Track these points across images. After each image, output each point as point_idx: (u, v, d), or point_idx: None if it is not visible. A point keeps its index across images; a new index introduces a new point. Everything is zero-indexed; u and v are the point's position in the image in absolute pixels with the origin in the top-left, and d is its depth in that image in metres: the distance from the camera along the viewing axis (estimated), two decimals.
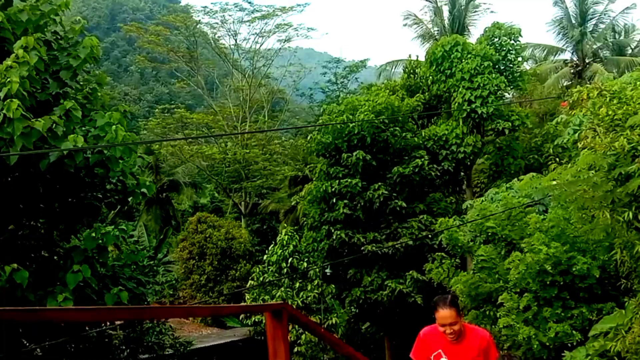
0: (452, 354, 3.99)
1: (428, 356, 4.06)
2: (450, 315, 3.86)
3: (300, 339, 18.18)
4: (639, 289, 7.11)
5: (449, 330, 3.89)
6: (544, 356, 8.97)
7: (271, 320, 2.08)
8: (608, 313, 8.20)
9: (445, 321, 3.87)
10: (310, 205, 21.02)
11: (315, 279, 19.23)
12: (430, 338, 4.11)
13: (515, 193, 12.27)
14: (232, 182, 36.07)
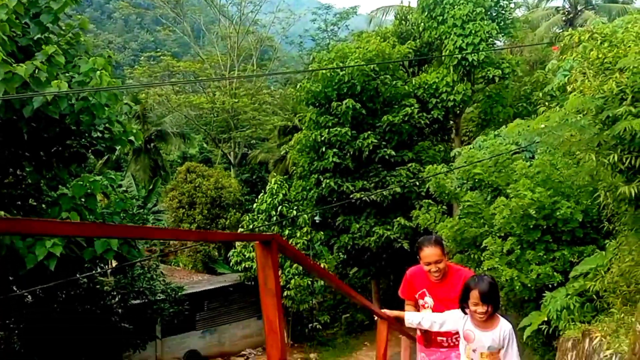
0: (436, 292, 4.05)
1: (413, 295, 4.13)
2: (435, 253, 3.88)
3: (290, 284, 18.57)
4: (620, 231, 7.28)
5: (433, 269, 3.90)
6: (525, 297, 9.26)
7: (261, 249, 2.13)
8: (589, 255, 8.43)
9: (430, 259, 3.88)
10: (299, 155, 21.07)
11: (304, 227, 19.45)
12: (415, 278, 4.15)
13: (503, 140, 12.35)
14: (220, 132, 35.84)
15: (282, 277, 18.84)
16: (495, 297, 3.51)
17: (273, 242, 2.10)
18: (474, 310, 3.47)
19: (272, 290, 2.10)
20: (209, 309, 20.50)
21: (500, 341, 3.55)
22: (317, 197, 20.40)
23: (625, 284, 6.76)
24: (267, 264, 2.09)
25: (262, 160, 33.25)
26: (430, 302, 4.09)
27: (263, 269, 2.09)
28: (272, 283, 2.09)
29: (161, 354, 19.00)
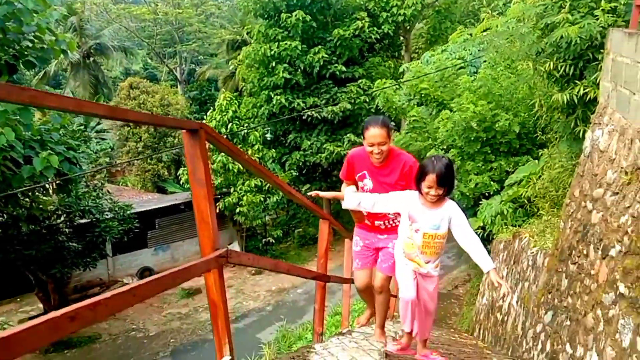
0: (376, 175, 3.95)
1: (353, 176, 4.01)
2: (381, 134, 3.73)
3: (242, 201, 18.74)
4: (552, 140, 7.63)
5: (376, 151, 3.77)
6: (464, 204, 9.70)
7: (188, 139, 2.13)
8: (523, 164, 8.84)
9: (374, 140, 3.74)
10: (248, 70, 20.67)
11: (255, 144, 19.40)
12: (356, 159, 4.02)
13: (449, 55, 12.43)
14: (165, 46, 34.49)
15: (234, 195, 19.00)
16: (451, 179, 3.38)
17: (201, 130, 2.11)
18: (427, 192, 3.35)
19: (201, 180, 2.15)
20: (161, 226, 20.56)
21: (446, 219, 3.45)
22: (268, 114, 20.26)
23: (554, 189, 7.18)
24: (195, 154, 2.11)
25: (211, 77, 32.44)
26: (370, 184, 3.96)
27: (192, 159, 2.12)
28: (201, 173, 2.13)
29: (113, 271, 19.15)
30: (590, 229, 4.35)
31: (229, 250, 2.23)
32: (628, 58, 4.20)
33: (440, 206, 3.44)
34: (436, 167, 3.29)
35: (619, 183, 3.94)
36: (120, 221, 16.39)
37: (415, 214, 3.47)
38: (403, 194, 3.57)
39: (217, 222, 2.31)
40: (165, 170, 27.09)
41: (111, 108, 1.70)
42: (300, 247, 22.16)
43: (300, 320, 14.26)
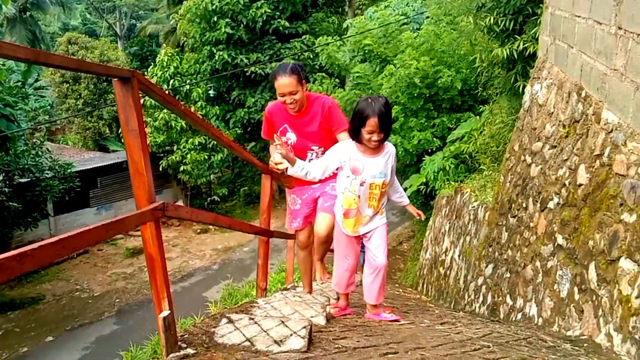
0: (297, 126, 3.71)
1: (275, 132, 3.68)
2: (290, 83, 3.49)
3: (186, 159, 18.43)
4: (492, 96, 7.78)
5: (289, 100, 3.53)
6: (407, 161, 9.85)
7: (120, 88, 2.05)
8: (465, 121, 9.01)
9: (284, 90, 3.51)
10: (190, 25, 20.00)
11: (198, 101, 18.97)
12: (274, 114, 3.77)
13: (393, 11, 12.39)
14: (104, 0, 32.89)
15: (177, 153, 18.63)
16: (390, 121, 3.19)
17: (133, 79, 2.02)
18: (369, 138, 3.12)
19: (135, 130, 2.07)
20: (103, 185, 20.03)
21: (389, 165, 3.30)
22: (211, 70, 19.78)
23: (495, 144, 7.37)
24: (127, 103, 2.02)
25: (152, 33, 31.25)
26: (293, 137, 3.73)
27: (124, 108, 2.03)
28: (134, 123, 2.05)
29: (55, 231, 18.61)
30: (529, 182, 4.48)
31: (165, 203, 2.18)
32: (566, 12, 4.27)
33: (382, 151, 3.28)
34: (375, 108, 3.06)
35: (557, 136, 4.05)
36: (61, 180, 15.90)
37: (358, 165, 3.24)
38: (341, 148, 3.33)
39: (161, 181, 2.23)
40: (107, 128, 26.20)
41: (34, 51, 1.59)
42: (246, 205, 22.11)
43: (246, 279, 14.33)
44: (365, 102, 3.14)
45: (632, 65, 2.81)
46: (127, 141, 2.10)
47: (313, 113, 3.68)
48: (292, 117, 3.70)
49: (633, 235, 2.56)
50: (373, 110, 3.06)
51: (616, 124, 3.00)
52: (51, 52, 1.64)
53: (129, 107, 2.03)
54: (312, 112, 3.68)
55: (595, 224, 3.02)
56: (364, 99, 3.20)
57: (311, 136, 3.71)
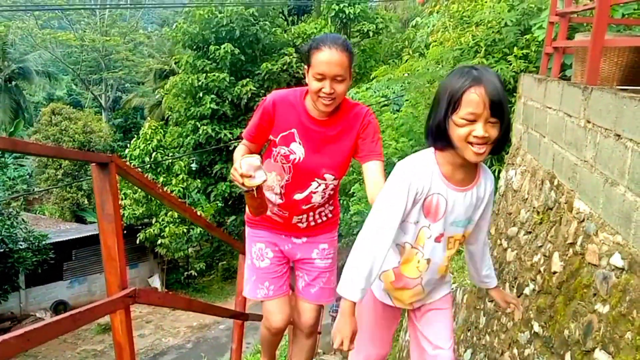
0: (313, 136, 2.37)
1: (267, 136, 2.44)
2: (340, 61, 2.20)
3: (165, 232, 18.23)
4: None
5: (328, 89, 2.20)
6: None
7: (98, 172, 2.06)
8: None
9: (329, 69, 2.18)
10: (175, 100, 20.40)
11: (180, 174, 19.04)
12: (282, 108, 2.37)
13: (374, 93, 12.79)
14: (90, 73, 33.50)
15: (155, 225, 18.45)
16: (508, 112, 1.78)
17: (111, 164, 2.04)
18: (468, 135, 1.73)
19: (110, 215, 2.07)
20: (78, 258, 19.61)
21: (483, 204, 2.02)
22: (194, 144, 19.99)
23: None
24: (104, 187, 2.03)
25: (138, 106, 31.72)
26: (300, 152, 2.38)
27: (100, 193, 2.04)
28: (110, 208, 2.05)
29: (26, 305, 18.04)
30: (506, 266, 4.50)
31: (137, 289, 2.14)
32: (538, 102, 4.46)
33: (477, 178, 1.97)
34: (484, 76, 1.71)
35: (531, 222, 4.12)
36: (35, 252, 15.60)
37: (439, 202, 1.88)
38: (411, 167, 1.87)
39: (138, 254, 2.22)
40: (86, 199, 25.97)
41: (11, 141, 1.61)
42: (224, 280, 21.72)
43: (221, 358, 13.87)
44: (460, 70, 1.78)
45: (601, 158, 2.92)
46: (102, 225, 2.09)
47: (345, 125, 2.38)
48: (312, 120, 2.36)
49: (607, 327, 2.56)
50: (480, 78, 1.71)
51: (587, 213, 3.07)
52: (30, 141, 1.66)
53: (105, 192, 2.04)
54: (343, 123, 2.38)
55: (570, 313, 3.02)
56: (459, 70, 1.80)
57: (331, 158, 2.40)
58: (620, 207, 2.69)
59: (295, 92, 2.42)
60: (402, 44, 22.00)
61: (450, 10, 6.69)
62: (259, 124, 2.43)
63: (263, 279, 2.65)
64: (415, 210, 1.93)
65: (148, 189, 2.55)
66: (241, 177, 2.09)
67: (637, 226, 2.52)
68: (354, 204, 10.02)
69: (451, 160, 1.89)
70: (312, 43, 2.28)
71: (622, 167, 2.67)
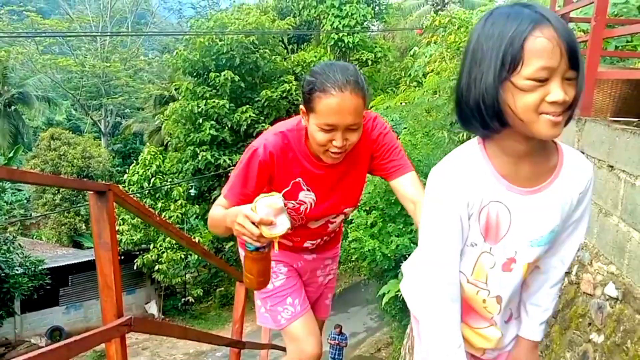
0: (322, 181, 2.02)
1: (259, 190, 1.94)
2: (356, 107, 1.77)
3: (162, 258, 18.16)
4: None
5: (339, 143, 1.80)
6: (385, 266, 9.86)
7: (95, 201, 2.07)
8: None
9: (343, 119, 1.76)
10: (175, 125, 20.51)
11: (179, 199, 19.05)
12: (280, 159, 1.96)
13: None
14: (90, 98, 33.70)
15: (153, 252, 18.38)
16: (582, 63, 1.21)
17: (109, 192, 2.06)
18: (539, 103, 1.17)
19: (107, 243, 2.08)
20: (74, 283, 19.48)
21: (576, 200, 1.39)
22: (193, 170, 20.04)
23: None
24: (102, 216, 2.05)
25: (137, 131, 31.86)
26: (310, 199, 2.05)
27: (98, 221, 2.05)
28: (107, 236, 2.07)
29: (21, 330, 17.87)
30: None
31: (133, 317, 2.15)
32: None
33: (559, 163, 1.36)
34: (547, 13, 1.17)
35: None
36: (31, 277, 15.48)
37: (500, 212, 1.33)
38: (446, 181, 1.33)
39: (135, 280, 2.23)
40: (83, 224, 25.89)
41: (9, 170, 1.64)
42: (221, 307, 21.54)
43: None
44: (505, 11, 1.21)
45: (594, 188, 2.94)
46: (98, 254, 2.10)
47: (354, 154, 1.98)
48: (318, 164, 1.98)
49: (602, 356, 2.56)
50: (542, 17, 1.16)
51: (582, 243, 3.09)
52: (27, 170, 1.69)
53: (102, 220, 2.06)
54: (351, 154, 1.96)
55: (566, 342, 3.02)
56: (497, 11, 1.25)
57: (347, 193, 2.10)
58: (614, 237, 2.72)
59: (292, 134, 1.96)
60: (400, 73, 22.38)
61: (448, 41, 6.80)
62: (257, 182, 1.95)
63: (284, 296, 2.30)
64: (475, 231, 1.35)
65: (146, 217, 2.57)
66: (257, 227, 1.63)
67: (631, 256, 2.54)
68: (352, 231, 10.04)
69: (510, 148, 1.29)
70: (313, 81, 1.78)
71: (616, 197, 2.70)
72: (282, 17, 21.48)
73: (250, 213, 1.67)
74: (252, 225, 1.66)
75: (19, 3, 44.28)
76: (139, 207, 2.44)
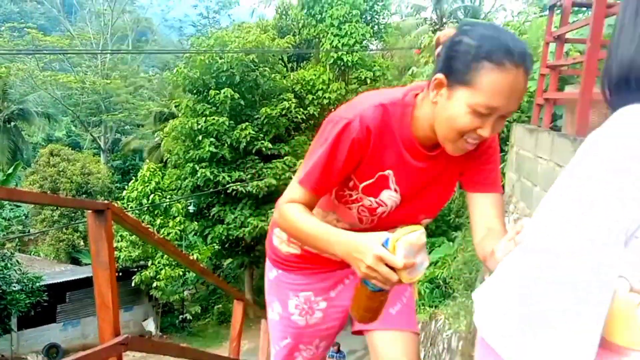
0: (414, 180, 1.58)
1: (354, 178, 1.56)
2: (524, 89, 1.34)
3: (160, 274, 18.10)
4: (465, 224, 7.98)
5: (487, 132, 1.35)
6: None
7: (94, 220, 2.09)
8: (439, 246, 9.15)
9: (509, 104, 1.31)
10: (174, 142, 20.55)
11: (177, 216, 19.04)
12: (380, 139, 1.48)
13: None
14: (90, 115, 33.83)
15: (151, 268, 18.32)
16: None
17: (107, 211, 2.08)
18: None
19: (105, 262, 2.09)
20: (72, 300, 19.40)
21: None
22: (192, 187, 20.02)
23: (467, 271, 7.43)
24: (100, 235, 2.06)
25: (137, 148, 31.94)
26: (393, 202, 1.59)
27: (96, 240, 2.07)
28: (105, 255, 2.08)
29: (17, 347, 17.73)
30: None
31: (129, 336, 2.15)
32: (529, 152, 4.54)
33: None
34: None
35: None
36: (28, 294, 15.41)
37: None
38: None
39: (132, 297, 2.23)
40: (82, 241, 25.83)
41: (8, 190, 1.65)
42: (219, 324, 21.43)
43: None
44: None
45: None
46: (96, 273, 2.11)
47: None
48: (418, 154, 1.54)
49: None
50: None
51: None
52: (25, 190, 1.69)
53: (101, 239, 2.07)
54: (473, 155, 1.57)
55: None
56: None
57: (434, 199, 1.71)
58: None
59: (395, 110, 1.48)
60: None
61: None
62: (343, 167, 1.51)
63: (312, 337, 1.91)
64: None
65: (144, 236, 2.58)
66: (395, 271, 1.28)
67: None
68: None
69: None
70: (479, 45, 1.29)
71: None
72: (282, 35, 21.67)
73: (387, 256, 1.27)
74: (388, 270, 1.28)
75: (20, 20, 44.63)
76: (137, 225, 2.45)
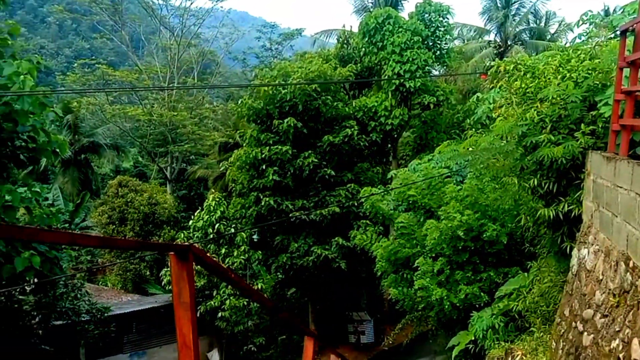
0: None
1: None
2: None
3: (225, 305, 18.25)
4: (540, 254, 7.64)
5: None
6: (454, 316, 9.50)
7: (176, 261, 2.10)
8: (513, 276, 8.79)
9: None
10: (239, 172, 20.92)
11: (242, 245, 19.24)
12: None
13: (436, 164, 12.75)
14: (157, 146, 35.01)
15: (216, 298, 18.51)
16: None
17: (189, 252, 2.08)
18: None
19: (186, 303, 2.08)
20: (138, 330, 19.79)
21: None
22: (256, 216, 20.25)
23: (544, 304, 7.07)
24: (182, 276, 2.06)
25: (202, 177, 32.76)
26: None
27: (178, 281, 2.07)
28: (186, 296, 2.07)
29: None
30: (582, 351, 4.23)
31: None
32: (608, 181, 4.30)
33: None
34: None
35: (607, 305, 3.89)
36: (97, 324, 15.77)
37: None
38: None
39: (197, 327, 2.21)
40: (148, 270, 26.49)
41: (102, 239, 1.68)
42: (283, 355, 21.31)
43: None
44: None
45: None
46: (178, 313, 2.10)
47: None
48: None
49: None
50: None
51: None
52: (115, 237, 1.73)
53: (182, 280, 2.07)
54: None
55: None
56: None
57: None
58: None
59: None
60: (462, 115, 22.16)
61: (513, 87, 6.66)
62: None
63: None
64: None
65: (222, 276, 2.57)
66: None
67: None
68: (418, 279, 9.79)
69: None
70: None
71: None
72: (344, 64, 21.82)
73: None
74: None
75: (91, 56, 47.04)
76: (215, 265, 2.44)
